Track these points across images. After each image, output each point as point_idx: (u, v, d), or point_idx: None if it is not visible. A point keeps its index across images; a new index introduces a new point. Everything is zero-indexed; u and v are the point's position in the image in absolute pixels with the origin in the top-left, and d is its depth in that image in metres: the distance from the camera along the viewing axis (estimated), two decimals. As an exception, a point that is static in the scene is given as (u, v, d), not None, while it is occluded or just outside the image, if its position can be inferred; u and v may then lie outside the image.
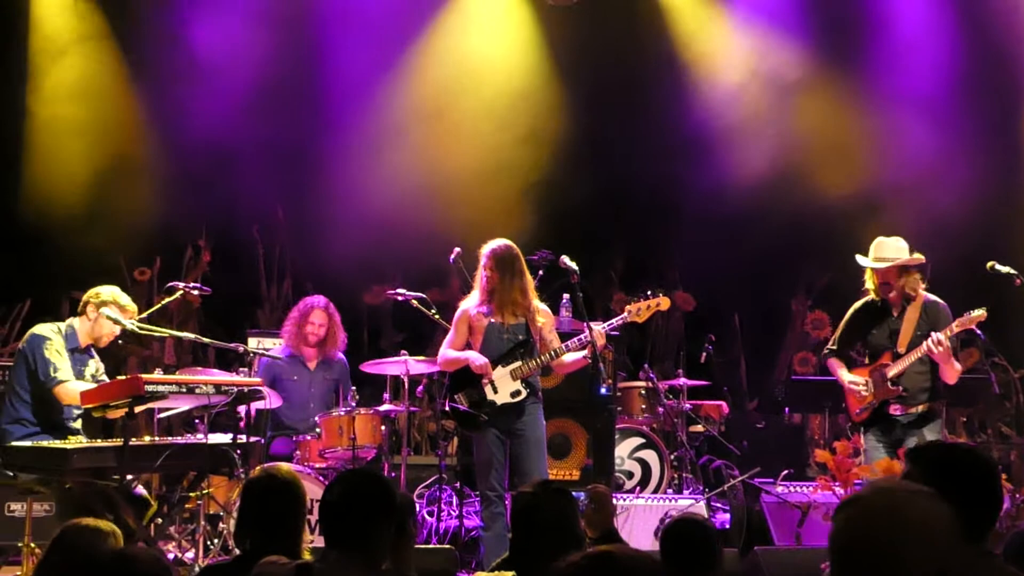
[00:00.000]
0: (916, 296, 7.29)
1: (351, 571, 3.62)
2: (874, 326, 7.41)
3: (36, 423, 6.88)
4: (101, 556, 2.63)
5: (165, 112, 10.63)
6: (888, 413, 7.23)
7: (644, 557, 2.86)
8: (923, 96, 10.81)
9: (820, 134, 11.11)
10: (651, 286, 7.71)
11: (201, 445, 6.83)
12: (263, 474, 4.36)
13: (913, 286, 7.28)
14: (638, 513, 7.75)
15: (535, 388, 7.38)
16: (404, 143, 10.90)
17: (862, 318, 7.50)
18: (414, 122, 10.96)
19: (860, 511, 2.15)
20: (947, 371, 7.13)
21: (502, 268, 7.36)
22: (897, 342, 7.25)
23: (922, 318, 7.23)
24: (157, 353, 10.71)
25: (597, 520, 5.33)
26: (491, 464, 7.24)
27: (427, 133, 10.95)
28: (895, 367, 7.18)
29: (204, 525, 7.29)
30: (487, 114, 10.97)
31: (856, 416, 7.36)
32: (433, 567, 6.35)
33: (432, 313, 8.32)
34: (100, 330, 7.10)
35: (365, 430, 8.06)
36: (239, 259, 11.25)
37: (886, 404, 7.23)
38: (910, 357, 7.14)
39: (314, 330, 8.63)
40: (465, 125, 10.96)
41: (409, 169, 10.84)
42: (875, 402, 7.24)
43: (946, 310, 7.27)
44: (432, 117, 10.99)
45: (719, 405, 9.90)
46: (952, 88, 10.82)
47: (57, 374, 6.87)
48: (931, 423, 7.22)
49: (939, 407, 7.36)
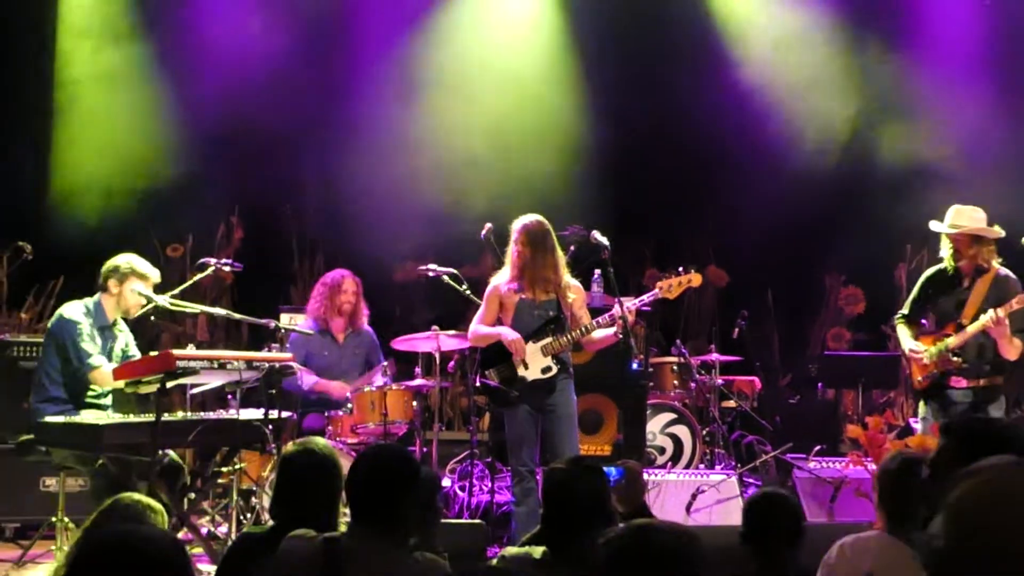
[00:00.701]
0: (989, 268, 7.16)
1: (378, 546, 3.63)
2: (943, 294, 7.31)
3: (68, 400, 6.92)
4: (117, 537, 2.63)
5: (196, 92, 10.62)
6: (949, 386, 7.15)
7: (686, 531, 2.86)
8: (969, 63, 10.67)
9: (862, 102, 11.03)
10: (683, 262, 7.66)
11: (233, 420, 6.86)
12: (301, 448, 4.37)
13: (987, 257, 7.15)
14: (669, 488, 7.72)
15: (566, 364, 7.37)
16: (433, 118, 10.88)
17: (933, 285, 7.39)
18: (442, 96, 10.93)
19: (997, 478, 2.00)
20: (1005, 347, 6.99)
21: (534, 244, 7.33)
22: (963, 313, 7.14)
23: (991, 291, 7.09)
24: (190, 330, 10.77)
25: (628, 496, 5.31)
26: (523, 440, 7.23)
27: (454, 107, 10.92)
28: (957, 339, 7.08)
29: (237, 500, 7.34)
30: (516, 87, 10.94)
31: (917, 384, 7.29)
32: (464, 542, 6.33)
33: (464, 289, 8.31)
34: (127, 302, 7.10)
35: (397, 405, 8.07)
36: (271, 236, 11.28)
37: (948, 376, 7.15)
38: (971, 330, 7.04)
39: (348, 298, 8.62)
40: (494, 99, 10.92)
41: (439, 144, 10.84)
42: (936, 372, 7.16)
43: (1017, 285, 7.13)
44: (457, 90, 10.95)
45: (752, 381, 9.85)
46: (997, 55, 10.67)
47: (91, 360, 6.89)
48: (992, 403, 7.09)
49: (1001, 385, 7.20)
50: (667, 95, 11.05)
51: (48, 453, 6.78)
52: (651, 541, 2.78)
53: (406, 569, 3.61)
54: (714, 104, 10.93)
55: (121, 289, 7.07)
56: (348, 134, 10.84)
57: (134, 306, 7.13)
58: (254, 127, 10.51)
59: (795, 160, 10.94)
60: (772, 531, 4.11)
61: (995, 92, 10.58)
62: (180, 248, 11.02)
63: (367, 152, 10.75)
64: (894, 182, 10.57)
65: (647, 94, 11.02)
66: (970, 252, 7.14)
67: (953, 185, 9.57)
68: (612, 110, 10.96)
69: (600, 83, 11.02)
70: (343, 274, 8.73)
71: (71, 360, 6.88)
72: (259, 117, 10.46)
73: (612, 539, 2.84)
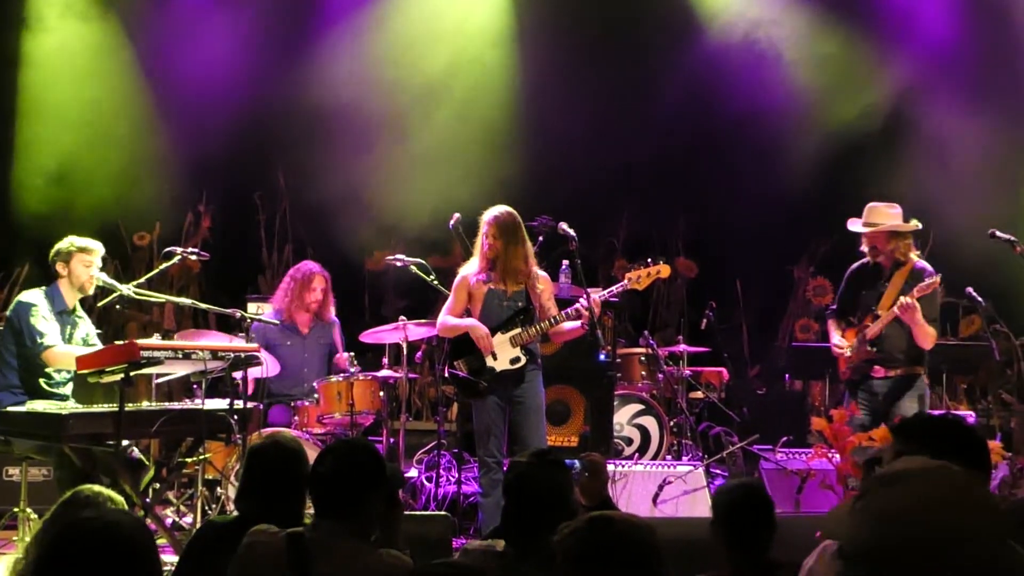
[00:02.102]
0: (907, 261, 7.38)
1: (341, 540, 3.62)
2: (865, 288, 7.54)
3: (24, 390, 6.87)
4: (82, 523, 2.62)
5: (162, 77, 10.54)
6: (871, 376, 7.40)
7: (642, 522, 2.86)
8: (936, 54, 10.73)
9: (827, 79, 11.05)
10: (653, 253, 7.67)
11: (197, 410, 6.81)
12: (269, 441, 4.38)
13: (904, 251, 7.40)
14: (637, 479, 7.72)
15: (535, 355, 7.38)
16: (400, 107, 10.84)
17: (856, 280, 7.64)
18: (409, 85, 10.88)
19: (917, 488, 2.03)
20: (919, 335, 7.24)
21: (505, 235, 7.32)
22: (879, 305, 7.36)
23: (907, 283, 7.31)
24: (157, 318, 10.70)
25: (591, 488, 5.30)
26: (490, 431, 7.24)
27: (420, 97, 10.87)
28: (872, 328, 7.32)
29: (203, 490, 7.30)
30: (483, 76, 10.89)
31: (843, 375, 7.59)
32: (430, 533, 6.31)
33: (431, 279, 8.29)
34: (79, 279, 7.08)
35: (364, 396, 8.03)
36: (240, 225, 11.22)
37: (870, 366, 7.38)
38: (884, 320, 7.26)
39: (316, 296, 8.56)
40: (460, 88, 10.88)
41: (406, 134, 10.79)
42: (856, 363, 7.41)
43: (931, 276, 7.33)
44: (422, 78, 10.90)
45: (720, 372, 9.87)
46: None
47: (44, 339, 6.86)
48: (909, 391, 7.34)
49: (919, 373, 7.45)
50: (639, 85, 11.03)
51: (8, 443, 6.72)
52: (608, 532, 2.79)
53: (371, 564, 3.60)
54: (686, 95, 10.93)
55: (69, 267, 7.07)
56: (316, 122, 10.77)
57: (87, 281, 7.10)
58: (222, 115, 10.43)
59: (766, 151, 10.93)
60: (745, 521, 4.08)
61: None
62: (147, 236, 10.96)
63: (336, 142, 10.69)
64: (864, 171, 10.60)
65: (620, 84, 10.99)
66: (888, 248, 7.38)
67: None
68: (585, 99, 10.91)
69: (573, 73, 10.96)
70: (312, 270, 8.62)
71: (25, 341, 6.86)
72: (227, 105, 10.38)
73: (572, 531, 2.84)
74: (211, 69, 10.36)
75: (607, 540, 2.79)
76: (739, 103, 10.85)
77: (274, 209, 11.28)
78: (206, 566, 4.00)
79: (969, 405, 10.57)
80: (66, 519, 3.54)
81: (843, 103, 10.95)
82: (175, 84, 10.51)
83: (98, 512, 2.99)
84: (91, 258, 7.11)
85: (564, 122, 10.76)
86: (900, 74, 10.88)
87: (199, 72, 10.37)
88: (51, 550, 2.63)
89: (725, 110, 10.90)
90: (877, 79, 10.97)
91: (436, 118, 10.82)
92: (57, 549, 2.62)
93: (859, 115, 10.86)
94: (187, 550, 4.31)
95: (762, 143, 10.89)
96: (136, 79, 10.59)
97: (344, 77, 10.74)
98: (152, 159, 10.59)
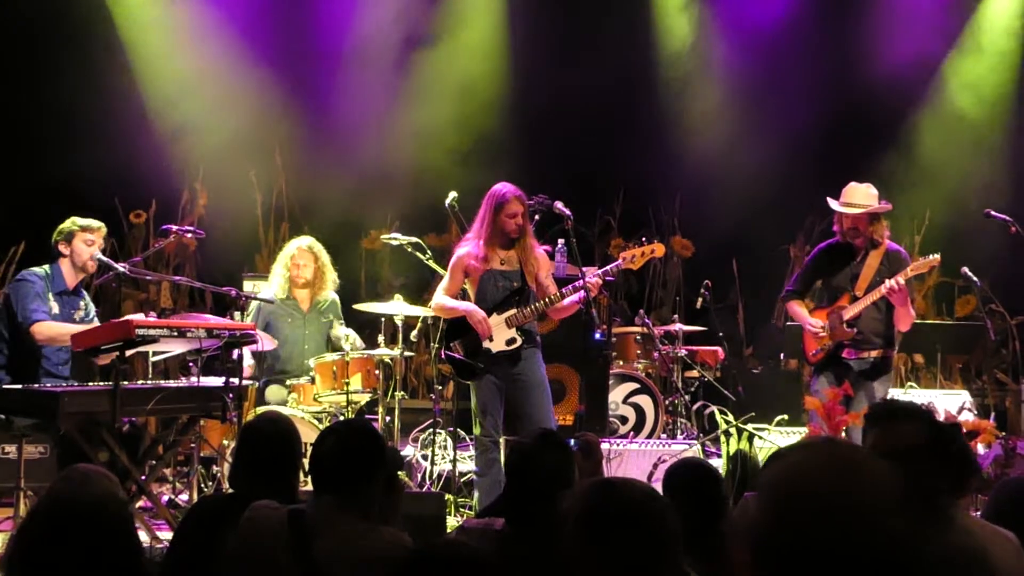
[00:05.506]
0: (881, 243, 7.34)
1: (342, 518, 3.63)
2: (836, 268, 7.45)
3: (21, 367, 6.88)
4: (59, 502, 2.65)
5: (160, 54, 10.52)
6: (841, 357, 7.31)
7: (642, 485, 2.86)
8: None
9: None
10: (648, 232, 7.67)
11: (193, 388, 6.84)
12: (261, 419, 4.40)
13: (880, 233, 7.34)
14: (631, 458, 7.74)
15: (532, 335, 7.35)
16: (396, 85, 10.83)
17: (826, 260, 7.54)
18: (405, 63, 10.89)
19: (807, 457, 2.07)
20: (902, 316, 7.25)
21: (527, 213, 7.29)
22: (856, 285, 7.30)
23: (883, 264, 7.29)
24: (153, 296, 10.70)
25: (586, 468, 5.32)
26: (487, 410, 7.23)
27: (418, 75, 10.87)
28: (851, 309, 7.25)
29: (198, 468, 7.31)
30: (475, 56, 10.89)
31: (811, 357, 7.46)
32: (425, 512, 6.35)
33: (426, 258, 8.28)
34: (81, 258, 7.10)
35: (359, 374, 8.04)
36: (236, 203, 11.19)
37: (841, 348, 7.31)
38: (867, 299, 7.21)
39: (299, 272, 8.49)
40: (453, 66, 10.87)
41: (403, 112, 10.78)
42: (830, 344, 7.32)
43: (908, 259, 7.36)
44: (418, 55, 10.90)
45: (715, 351, 9.87)
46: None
47: (32, 314, 6.85)
48: (882, 375, 7.31)
49: (892, 357, 7.47)
50: (635, 64, 11.03)
51: (9, 421, 6.72)
52: (611, 496, 2.77)
53: (371, 542, 3.60)
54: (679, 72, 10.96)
55: (71, 247, 7.09)
56: (313, 100, 10.75)
57: (89, 260, 7.12)
58: (219, 91, 10.42)
59: (762, 129, 10.94)
60: (693, 502, 4.05)
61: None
62: (143, 214, 10.95)
63: (332, 120, 10.68)
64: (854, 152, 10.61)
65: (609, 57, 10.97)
66: (869, 229, 7.30)
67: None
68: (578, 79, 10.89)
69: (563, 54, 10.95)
70: (297, 245, 8.60)
71: (16, 316, 6.87)
72: (223, 82, 10.36)
73: (577, 497, 2.81)
74: (210, 45, 10.39)
75: (617, 503, 2.76)
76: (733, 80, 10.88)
77: (270, 187, 11.26)
78: (200, 542, 4.01)
79: (964, 384, 10.59)
80: (51, 497, 3.58)
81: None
82: (171, 61, 10.50)
83: (82, 490, 3.01)
84: (94, 237, 7.12)
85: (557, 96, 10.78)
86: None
87: (198, 47, 10.38)
88: (28, 528, 2.65)
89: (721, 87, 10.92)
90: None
91: (428, 95, 10.83)
92: (35, 526, 2.65)
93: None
94: (181, 526, 4.33)
95: (759, 120, 10.92)
96: (129, 57, 10.56)
97: (340, 62, 10.78)
98: (147, 136, 10.55)
